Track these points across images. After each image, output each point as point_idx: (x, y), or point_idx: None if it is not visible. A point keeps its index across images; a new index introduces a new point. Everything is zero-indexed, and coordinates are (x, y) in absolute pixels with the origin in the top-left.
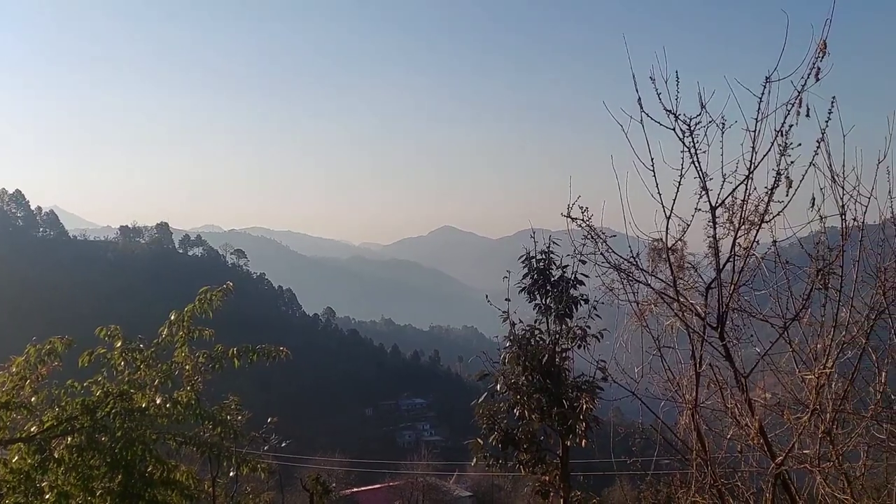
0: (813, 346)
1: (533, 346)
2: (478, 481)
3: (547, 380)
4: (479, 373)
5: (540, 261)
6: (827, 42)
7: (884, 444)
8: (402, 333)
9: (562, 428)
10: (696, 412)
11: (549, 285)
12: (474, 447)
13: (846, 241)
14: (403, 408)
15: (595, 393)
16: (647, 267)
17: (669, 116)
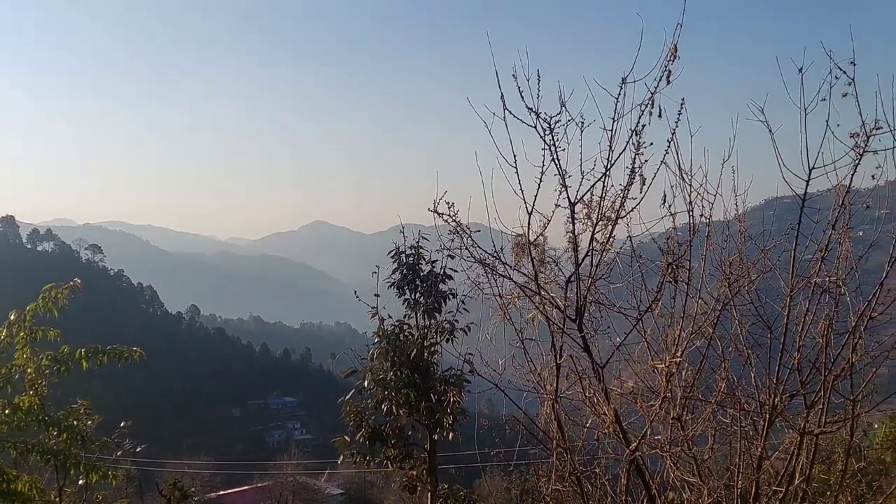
0: (664, 337)
1: (402, 342)
2: (350, 478)
3: (415, 374)
4: (346, 370)
5: (409, 256)
6: (678, 46)
7: (728, 428)
8: (271, 331)
9: (430, 422)
10: (556, 402)
11: (418, 280)
12: (340, 445)
13: (694, 237)
14: (273, 407)
15: (462, 386)
16: (510, 261)
17: (531, 114)
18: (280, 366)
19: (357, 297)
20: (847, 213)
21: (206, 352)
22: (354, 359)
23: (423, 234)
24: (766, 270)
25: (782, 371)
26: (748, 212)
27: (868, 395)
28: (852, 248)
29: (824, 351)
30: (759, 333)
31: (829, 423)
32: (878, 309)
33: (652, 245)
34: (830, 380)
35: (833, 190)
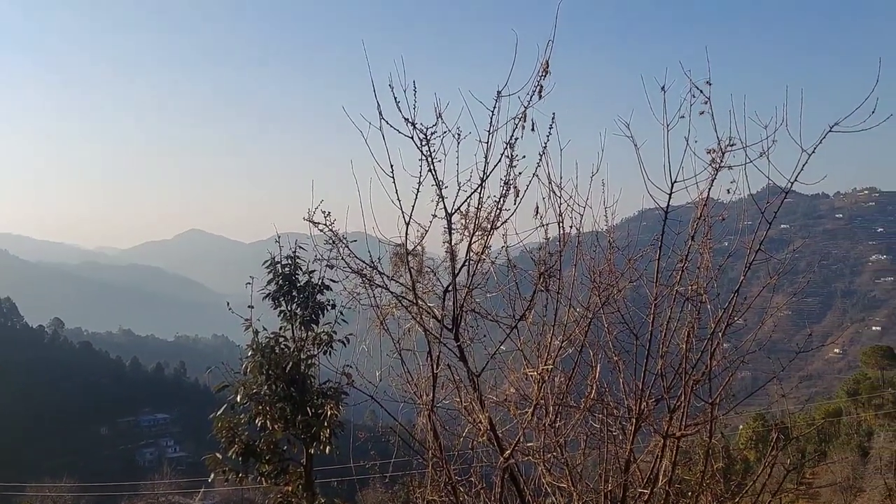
0: (537, 345)
1: (277, 354)
2: (227, 496)
3: (291, 388)
4: (218, 384)
5: (285, 266)
6: (549, 62)
7: (599, 432)
8: (143, 345)
9: (306, 436)
10: (432, 412)
11: (294, 291)
12: (211, 462)
13: (565, 247)
14: (145, 424)
15: (340, 399)
16: (389, 271)
17: (408, 125)
18: (153, 381)
19: (230, 308)
20: (706, 225)
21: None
22: (227, 373)
23: (300, 244)
24: (633, 280)
25: (648, 376)
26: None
27: (726, 398)
28: (712, 258)
29: (685, 357)
30: (627, 340)
31: (689, 426)
32: (735, 316)
33: (527, 255)
34: (691, 384)
35: (692, 203)
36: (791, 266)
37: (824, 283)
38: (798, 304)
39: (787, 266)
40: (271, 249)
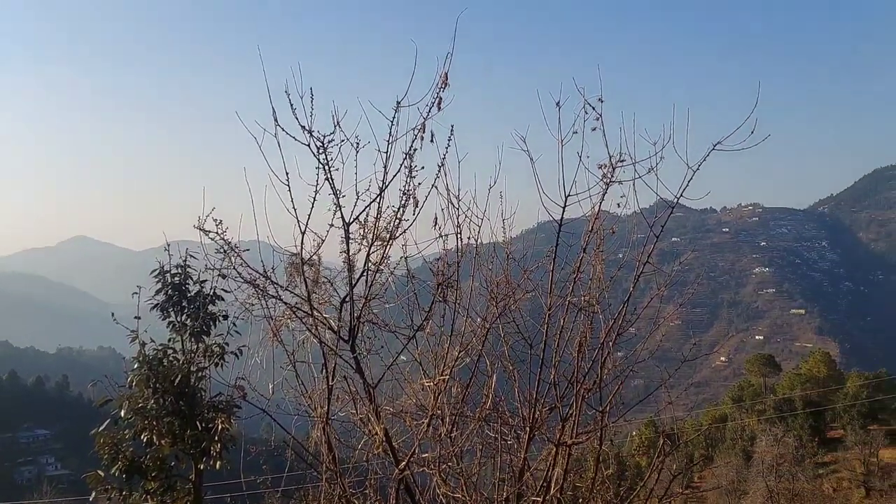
0: (434, 355)
1: (165, 367)
2: None
3: (180, 401)
4: (100, 399)
5: (175, 275)
6: (448, 74)
7: (494, 442)
8: (22, 357)
9: (195, 451)
10: (327, 424)
11: (185, 301)
12: (93, 480)
13: (463, 258)
14: (23, 441)
15: (232, 412)
16: (284, 281)
17: (305, 132)
18: (32, 395)
19: (114, 319)
20: (598, 237)
21: None
22: (111, 386)
23: (190, 253)
24: (530, 291)
25: (542, 386)
26: (523, 234)
27: (616, 406)
28: (606, 270)
29: (577, 366)
30: (522, 350)
31: (581, 434)
32: (626, 326)
33: (427, 266)
34: (582, 393)
35: (585, 216)
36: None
37: (712, 295)
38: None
39: (677, 277)
40: (161, 258)
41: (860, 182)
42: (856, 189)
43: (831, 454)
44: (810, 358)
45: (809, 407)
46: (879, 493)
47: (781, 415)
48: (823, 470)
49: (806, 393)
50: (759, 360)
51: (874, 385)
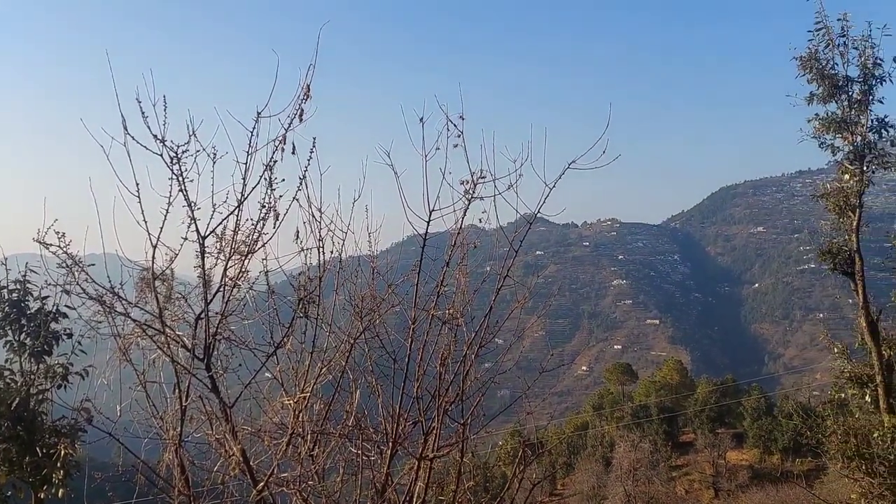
0: (296, 372)
1: (1, 390)
2: None
3: (18, 426)
4: None
5: (13, 291)
6: (311, 86)
7: (357, 458)
8: None
9: (35, 479)
10: (180, 447)
11: (24, 319)
12: None
13: (325, 272)
14: None
15: (76, 437)
16: (134, 298)
17: (157, 142)
18: None
19: None
20: (462, 251)
21: None
22: None
23: (31, 267)
24: (395, 305)
25: (406, 400)
26: (393, 247)
27: (478, 417)
28: (471, 284)
29: (440, 379)
30: (387, 365)
31: (442, 447)
32: (488, 338)
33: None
34: (443, 406)
35: (452, 230)
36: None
37: (573, 306)
38: (550, 324)
39: (541, 290)
40: None
41: (708, 199)
42: (704, 206)
43: (683, 457)
44: (664, 366)
45: (664, 413)
46: (727, 494)
47: (638, 421)
48: (676, 473)
49: (660, 399)
50: (618, 368)
51: (721, 391)
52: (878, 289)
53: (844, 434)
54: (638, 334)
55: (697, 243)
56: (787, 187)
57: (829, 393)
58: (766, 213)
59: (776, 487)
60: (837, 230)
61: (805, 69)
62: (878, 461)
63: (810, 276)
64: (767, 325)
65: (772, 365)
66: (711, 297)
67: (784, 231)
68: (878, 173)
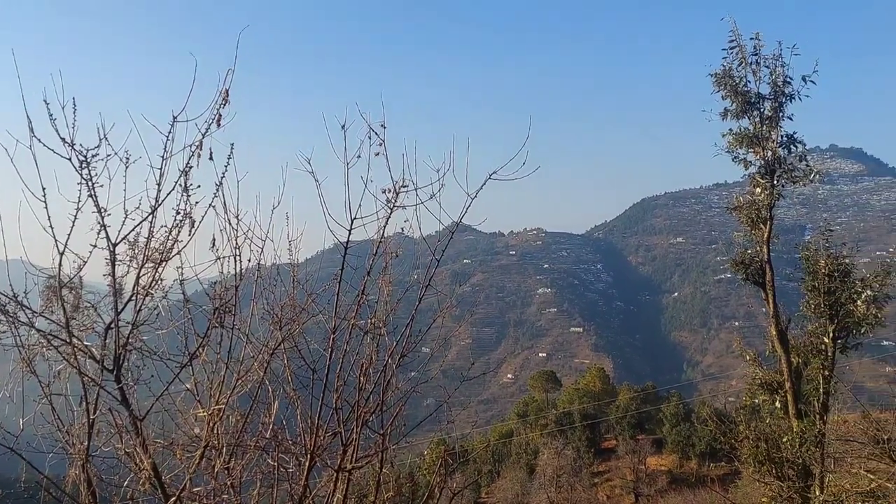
0: (210, 383)
1: None
2: None
3: None
4: None
5: None
6: (229, 91)
7: (275, 471)
8: None
9: None
10: (87, 461)
11: None
12: None
13: (242, 281)
14: None
15: None
16: (39, 307)
17: (65, 145)
18: None
19: None
20: (385, 260)
21: None
22: None
23: None
24: (316, 314)
25: (326, 411)
26: (318, 255)
27: (398, 427)
28: (394, 292)
29: (360, 389)
30: (306, 375)
31: (361, 458)
32: (410, 348)
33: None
34: (363, 417)
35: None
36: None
37: (500, 314)
38: (477, 333)
39: (469, 298)
40: None
41: (630, 210)
42: (626, 216)
43: (605, 463)
44: (587, 373)
45: (586, 420)
46: (647, 498)
47: (562, 428)
48: (598, 479)
49: (583, 406)
50: (542, 376)
51: (642, 397)
52: (789, 298)
53: (756, 439)
54: (562, 342)
55: (620, 253)
56: (704, 199)
57: (743, 399)
58: (685, 224)
59: (693, 492)
60: (750, 241)
61: (720, 85)
62: (787, 465)
63: (727, 286)
64: (686, 333)
65: (690, 372)
66: (633, 306)
67: (702, 242)
68: (789, 187)
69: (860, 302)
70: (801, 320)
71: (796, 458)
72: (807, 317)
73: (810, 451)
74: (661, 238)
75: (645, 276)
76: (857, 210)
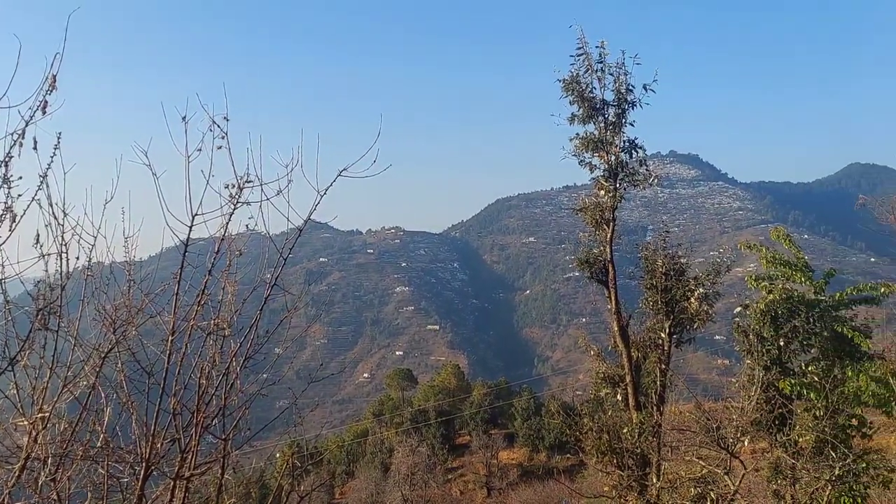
0: (33, 390)
1: None
2: None
3: None
4: None
5: None
6: (57, 77)
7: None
8: None
9: None
10: None
11: None
12: None
13: (69, 280)
14: None
15: None
16: None
17: None
18: None
19: None
20: (227, 258)
21: None
22: None
23: None
24: (153, 315)
25: (165, 416)
26: (165, 252)
27: (241, 431)
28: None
29: (199, 393)
30: (141, 380)
31: (201, 465)
32: (255, 348)
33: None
34: (202, 422)
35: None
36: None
37: (357, 313)
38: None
39: (325, 297)
40: None
41: (485, 210)
42: (481, 216)
43: (459, 459)
44: (443, 370)
45: (441, 416)
46: (498, 492)
47: (417, 426)
48: (452, 475)
49: (438, 403)
50: (398, 374)
51: (495, 393)
52: (631, 295)
53: (599, 431)
54: (419, 340)
55: (475, 252)
56: (555, 200)
57: (590, 393)
58: (536, 224)
59: (543, 484)
60: (594, 242)
61: (567, 91)
62: (627, 455)
63: (575, 284)
64: (537, 329)
65: (541, 367)
66: (487, 304)
67: (552, 241)
68: (631, 190)
69: (693, 299)
70: (641, 316)
71: (635, 448)
72: (646, 313)
73: (648, 440)
74: (515, 237)
75: (499, 274)
76: (694, 213)
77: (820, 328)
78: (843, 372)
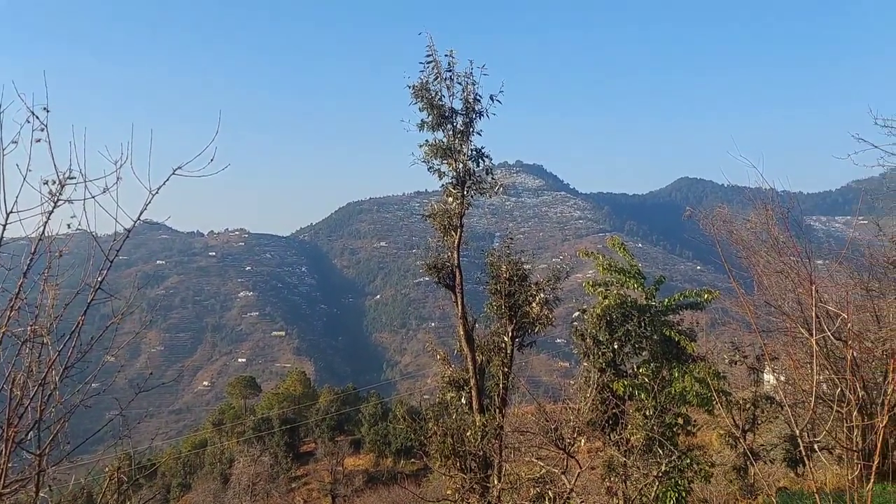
0: None
1: None
2: None
3: None
4: None
5: None
6: None
7: None
8: None
9: None
10: None
11: None
12: None
13: None
14: None
15: None
16: None
17: None
18: None
19: None
20: (47, 259)
21: None
22: None
23: None
24: None
25: None
26: None
27: (59, 445)
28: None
29: (10, 407)
30: None
31: (13, 483)
32: (78, 357)
33: None
34: (14, 436)
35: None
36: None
37: (197, 318)
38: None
39: (162, 302)
40: None
41: (336, 213)
42: (332, 220)
43: (304, 467)
44: (288, 377)
45: (286, 424)
46: (343, 499)
47: (259, 434)
48: (296, 483)
49: (283, 411)
50: (241, 382)
51: (342, 399)
52: (478, 300)
53: (443, 434)
54: (263, 346)
55: (325, 255)
56: (407, 206)
57: (437, 397)
58: (388, 229)
59: (388, 489)
60: (443, 247)
61: (417, 97)
62: (470, 457)
63: (424, 289)
64: (387, 334)
65: (390, 372)
66: (337, 308)
67: (404, 246)
68: (478, 198)
69: (535, 304)
70: (486, 320)
71: (478, 451)
72: (490, 317)
73: (490, 443)
74: (366, 242)
75: (349, 278)
76: (538, 221)
77: (651, 332)
78: (670, 373)
